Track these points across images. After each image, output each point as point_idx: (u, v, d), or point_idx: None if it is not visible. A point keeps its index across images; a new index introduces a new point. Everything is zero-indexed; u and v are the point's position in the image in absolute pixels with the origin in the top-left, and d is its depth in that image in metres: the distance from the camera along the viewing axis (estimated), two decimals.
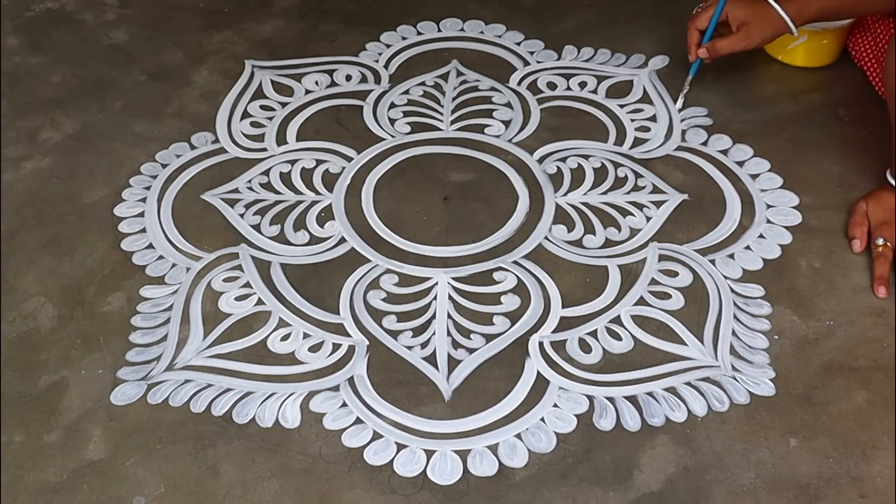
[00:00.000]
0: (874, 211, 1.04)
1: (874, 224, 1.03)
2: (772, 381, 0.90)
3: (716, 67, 1.25)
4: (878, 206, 1.04)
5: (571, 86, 1.26)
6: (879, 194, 1.05)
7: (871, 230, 1.03)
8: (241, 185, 1.13)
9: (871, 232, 1.03)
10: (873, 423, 0.87)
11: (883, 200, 1.04)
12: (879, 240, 1.02)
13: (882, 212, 1.04)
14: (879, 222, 1.03)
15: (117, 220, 1.09)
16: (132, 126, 1.22)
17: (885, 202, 1.04)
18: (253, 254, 1.04)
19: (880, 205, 1.04)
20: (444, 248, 1.05)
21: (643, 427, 0.87)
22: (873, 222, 1.04)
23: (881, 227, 1.03)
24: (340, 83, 1.28)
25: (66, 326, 0.97)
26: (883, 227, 1.03)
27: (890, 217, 1.03)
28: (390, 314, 0.98)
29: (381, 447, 0.86)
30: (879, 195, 1.05)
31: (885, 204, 1.04)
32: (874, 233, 1.03)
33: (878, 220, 1.03)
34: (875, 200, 1.05)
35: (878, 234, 1.03)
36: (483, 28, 1.37)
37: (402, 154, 1.17)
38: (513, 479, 0.84)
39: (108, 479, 0.84)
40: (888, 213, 1.03)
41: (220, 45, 1.36)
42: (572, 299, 0.99)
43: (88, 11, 1.43)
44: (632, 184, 1.11)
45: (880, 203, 1.04)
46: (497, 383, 0.91)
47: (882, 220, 1.03)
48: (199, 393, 0.91)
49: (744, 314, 0.96)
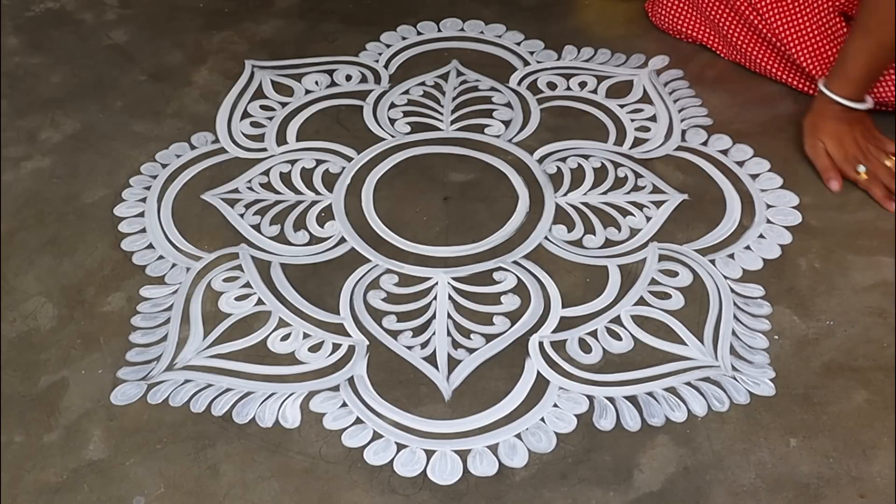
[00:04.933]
0: (833, 148, 1.09)
1: (839, 160, 1.08)
2: (772, 381, 0.90)
3: (716, 67, 1.25)
4: (835, 142, 1.09)
5: (571, 86, 1.26)
6: (825, 127, 1.10)
7: (840, 166, 1.08)
8: (241, 185, 1.13)
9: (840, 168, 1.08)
10: (873, 423, 0.87)
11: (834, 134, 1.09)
12: (860, 168, 1.06)
13: (840, 146, 1.08)
14: (844, 156, 1.08)
15: (117, 220, 1.09)
16: (132, 126, 1.22)
17: (837, 135, 1.09)
18: (253, 254, 1.04)
19: (835, 140, 1.09)
20: (444, 248, 1.05)
21: (643, 427, 0.87)
22: (838, 159, 1.08)
23: (849, 160, 1.08)
24: (340, 83, 1.28)
25: (66, 326, 0.97)
26: (850, 158, 1.07)
27: (851, 147, 1.08)
28: (390, 314, 0.98)
29: (381, 447, 0.86)
30: (826, 128, 1.10)
31: (839, 136, 1.09)
32: (844, 167, 1.08)
33: (842, 156, 1.08)
34: (827, 137, 1.09)
35: (853, 165, 1.07)
36: (483, 28, 1.37)
37: (402, 154, 1.17)
38: (513, 479, 0.84)
39: (108, 479, 0.84)
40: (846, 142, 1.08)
41: (220, 45, 1.36)
42: (572, 299, 0.99)
43: (88, 11, 1.43)
44: (632, 184, 1.11)
45: (833, 138, 1.09)
46: (497, 383, 0.91)
47: (846, 153, 1.08)
48: (199, 393, 0.91)
49: (744, 314, 0.96)
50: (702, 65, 1.28)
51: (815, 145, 1.10)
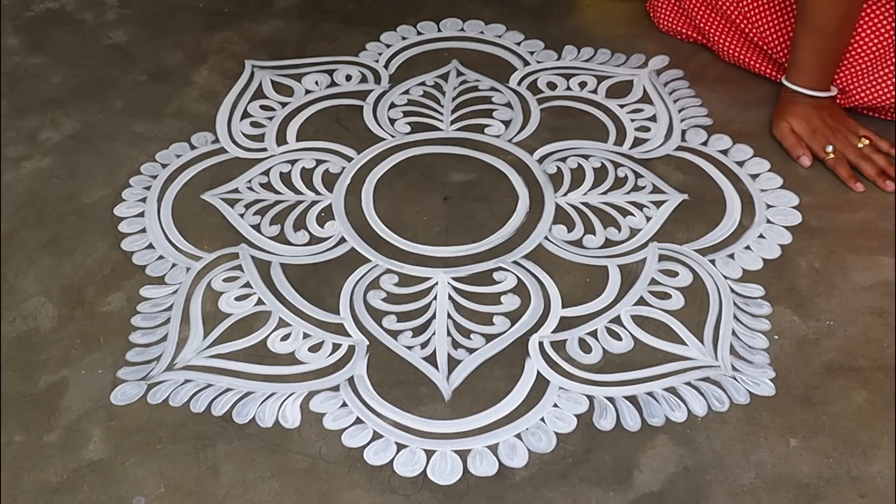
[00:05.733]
0: (799, 126, 1.10)
1: (807, 137, 1.10)
2: (772, 381, 0.90)
3: (716, 67, 1.25)
4: (800, 120, 1.10)
5: (571, 86, 1.26)
6: (791, 110, 1.11)
7: (809, 144, 1.10)
8: (241, 185, 1.13)
9: (808, 146, 1.10)
10: (873, 423, 0.87)
11: (800, 114, 1.11)
12: (829, 147, 1.08)
13: (807, 124, 1.10)
14: (811, 133, 1.09)
15: (117, 220, 1.09)
16: (132, 126, 1.22)
17: (804, 115, 1.10)
18: (253, 254, 1.04)
19: (801, 118, 1.10)
20: (444, 248, 1.05)
21: (643, 427, 0.87)
22: (805, 136, 1.10)
23: (816, 137, 1.09)
24: (340, 83, 1.28)
25: (66, 326, 0.97)
26: (817, 136, 1.09)
27: (818, 125, 1.09)
28: (390, 314, 0.98)
29: (381, 447, 0.86)
30: (792, 111, 1.11)
31: (805, 116, 1.10)
32: (812, 144, 1.10)
33: (808, 132, 1.09)
34: (792, 117, 1.11)
35: (821, 144, 1.09)
36: (483, 28, 1.37)
37: (402, 154, 1.17)
38: (513, 479, 0.84)
39: (108, 479, 0.84)
40: (813, 121, 1.09)
41: (220, 45, 1.36)
42: (572, 299, 0.99)
43: (88, 11, 1.43)
44: (632, 184, 1.11)
45: (799, 117, 1.11)
46: (497, 383, 0.91)
47: (813, 130, 1.09)
48: (199, 393, 0.91)
49: (744, 314, 0.96)
50: (702, 65, 1.28)
51: (781, 125, 1.13)
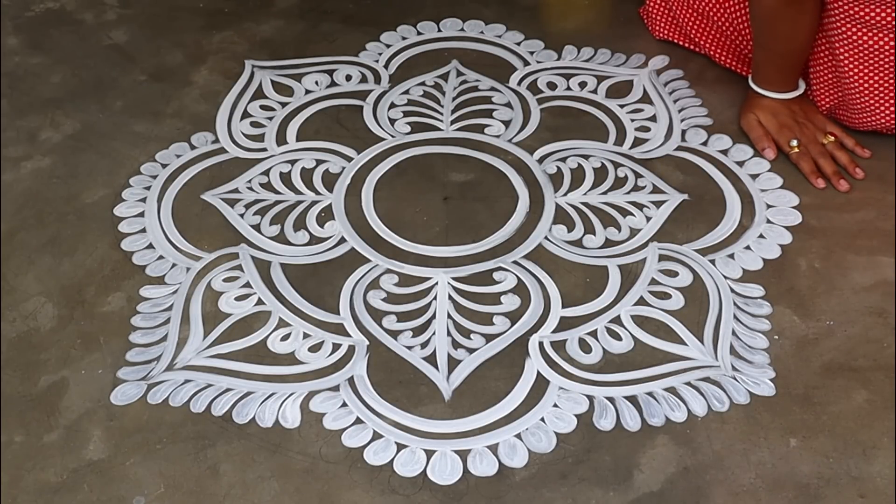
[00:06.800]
0: (767, 119, 1.11)
1: (773, 131, 1.11)
2: (772, 381, 0.90)
3: (716, 68, 1.25)
4: (768, 114, 1.11)
5: (571, 86, 1.26)
6: (759, 103, 1.12)
7: (775, 137, 1.11)
8: (241, 185, 1.13)
9: (775, 139, 1.11)
10: (873, 423, 0.87)
11: (768, 108, 1.12)
12: (793, 141, 1.09)
13: (774, 117, 1.11)
14: (778, 127, 1.10)
15: (117, 220, 1.09)
16: (132, 126, 1.22)
17: (771, 108, 1.11)
18: (253, 254, 1.04)
19: (769, 112, 1.11)
20: (444, 248, 1.05)
21: (643, 427, 0.87)
22: (772, 129, 1.11)
23: (783, 132, 1.10)
24: (340, 83, 1.28)
25: (66, 326, 0.97)
26: (784, 130, 1.10)
27: (785, 119, 1.10)
28: (390, 314, 0.98)
29: (381, 447, 0.86)
30: (760, 104, 1.12)
31: (772, 110, 1.11)
32: (779, 138, 1.10)
33: (776, 126, 1.10)
34: (760, 110, 1.12)
35: (787, 138, 1.10)
36: (483, 28, 1.37)
37: (402, 154, 1.17)
38: (513, 479, 0.84)
39: (108, 479, 0.84)
40: (781, 116, 1.10)
41: (220, 45, 1.36)
42: (572, 299, 0.99)
43: (88, 11, 1.43)
44: (632, 184, 1.11)
45: (767, 110, 1.12)
46: (497, 383, 0.91)
47: (780, 125, 1.10)
48: (199, 393, 0.91)
49: (744, 314, 0.96)
50: (701, 65, 1.28)
51: (748, 117, 1.13)
